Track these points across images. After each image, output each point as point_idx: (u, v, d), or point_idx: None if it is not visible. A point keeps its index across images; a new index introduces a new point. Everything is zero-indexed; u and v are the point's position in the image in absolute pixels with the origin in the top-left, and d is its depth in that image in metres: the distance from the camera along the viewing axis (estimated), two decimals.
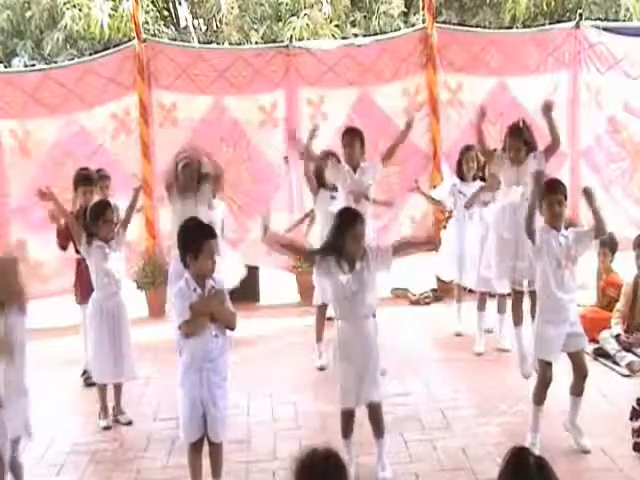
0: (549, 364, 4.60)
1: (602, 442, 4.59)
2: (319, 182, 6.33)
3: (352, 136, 6.05)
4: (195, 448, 4.18)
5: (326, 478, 2.50)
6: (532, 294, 5.51)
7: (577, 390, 4.63)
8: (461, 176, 6.82)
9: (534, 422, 4.60)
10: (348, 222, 4.30)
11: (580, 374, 4.62)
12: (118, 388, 5.47)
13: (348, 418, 4.38)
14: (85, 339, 5.75)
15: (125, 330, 5.38)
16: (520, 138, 5.67)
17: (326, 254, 4.31)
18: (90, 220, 5.31)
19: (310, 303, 6.52)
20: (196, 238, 4.08)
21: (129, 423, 5.38)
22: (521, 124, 5.72)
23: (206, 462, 4.25)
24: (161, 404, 5.57)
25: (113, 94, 8.10)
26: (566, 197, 4.56)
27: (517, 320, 5.91)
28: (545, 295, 4.58)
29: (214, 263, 4.09)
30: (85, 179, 6.19)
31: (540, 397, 4.61)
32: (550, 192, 4.52)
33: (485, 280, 6.39)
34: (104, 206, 5.39)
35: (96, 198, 5.99)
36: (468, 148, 6.86)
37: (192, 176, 6.04)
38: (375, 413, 4.38)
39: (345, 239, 4.24)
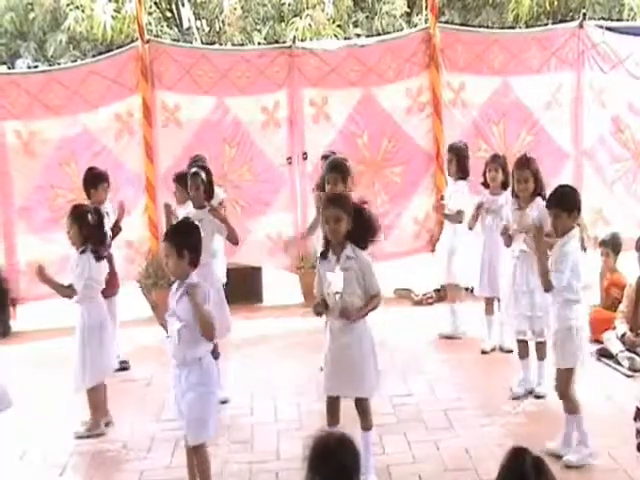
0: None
1: (606, 442, 4.59)
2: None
3: (337, 173, 5.44)
4: (187, 447, 4.21)
5: (340, 461, 2.52)
6: (539, 345, 5.47)
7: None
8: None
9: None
10: (322, 204, 4.31)
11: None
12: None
13: (329, 407, 4.34)
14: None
15: (112, 330, 5.41)
16: (527, 170, 5.26)
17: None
18: (93, 222, 5.27)
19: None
20: None
21: (107, 424, 5.29)
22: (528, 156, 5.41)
23: (213, 464, 4.26)
24: (164, 405, 5.55)
25: (116, 95, 8.09)
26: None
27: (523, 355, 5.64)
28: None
29: (171, 266, 4.01)
30: (103, 177, 6.24)
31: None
32: (558, 206, 4.46)
33: (491, 286, 6.32)
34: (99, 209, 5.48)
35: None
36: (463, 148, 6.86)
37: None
38: (358, 406, 4.32)
39: (322, 221, 4.24)
